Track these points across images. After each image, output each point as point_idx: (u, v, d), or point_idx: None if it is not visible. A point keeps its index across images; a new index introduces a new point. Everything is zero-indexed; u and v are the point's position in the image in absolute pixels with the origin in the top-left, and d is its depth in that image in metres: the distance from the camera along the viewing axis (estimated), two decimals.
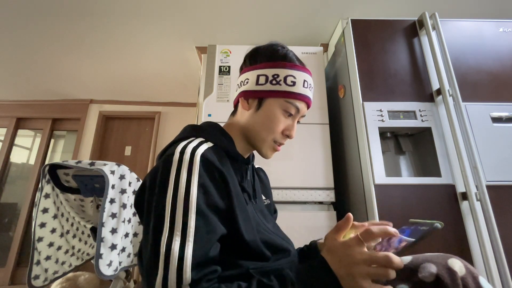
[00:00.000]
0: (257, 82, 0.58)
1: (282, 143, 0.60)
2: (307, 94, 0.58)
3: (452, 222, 0.94)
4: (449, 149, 1.04)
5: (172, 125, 3.02)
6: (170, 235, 0.41)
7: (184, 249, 0.40)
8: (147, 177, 0.49)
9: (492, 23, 1.23)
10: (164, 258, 0.39)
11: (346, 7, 1.67)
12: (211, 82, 1.38)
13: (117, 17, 1.75)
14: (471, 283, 0.41)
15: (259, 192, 0.67)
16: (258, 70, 0.58)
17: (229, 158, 0.54)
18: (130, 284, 1.12)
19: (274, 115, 0.56)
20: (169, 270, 0.38)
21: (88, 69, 2.42)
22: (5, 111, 2.99)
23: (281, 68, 0.56)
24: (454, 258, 0.45)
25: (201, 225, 0.42)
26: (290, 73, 0.56)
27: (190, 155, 0.47)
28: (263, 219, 0.59)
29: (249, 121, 0.59)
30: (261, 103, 0.57)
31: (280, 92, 0.56)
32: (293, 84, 0.56)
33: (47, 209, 1.04)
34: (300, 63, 0.59)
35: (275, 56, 0.58)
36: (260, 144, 0.59)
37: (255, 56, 0.61)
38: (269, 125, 0.57)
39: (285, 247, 0.57)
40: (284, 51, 0.59)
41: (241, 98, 0.60)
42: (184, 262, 0.39)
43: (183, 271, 0.39)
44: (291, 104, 0.56)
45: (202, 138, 0.53)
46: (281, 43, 0.61)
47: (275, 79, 0.56)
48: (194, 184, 0.44)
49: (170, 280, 0.38)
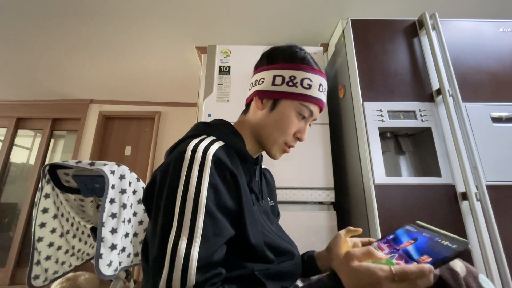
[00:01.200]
0: (273, 82, 0.57)
1: (292, 145, 0.59)
2: (321, 98, 0.58)
3: (452, 222, 0.94)
4: (449, 149, 1.04)
5: (172, 125, 3.02)
6: (178, 234, 0.40)
7: (191, 250, 0.40)
8: (157, 172, 0.48)
9: (492, 23, 1.23)
10: (170, 257, 0.39)
11: (346, 7, 1.67)
12: (211, 82, 1.38)
13: (117, 18, 1.75)
14: (472, 282, 0.42)
15: (265, 193, 0.67)
16: (275, 71, 0.57)
17: (239, 158, 0.54)
18: (130, 284, 1.12)
19: (288, 117, 0.56)
20: (174, 269, 0.38)
21: (88, 69, 2.42)
22: (5, 111, 2.99)
23: (298, 70, 0.56)
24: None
25: (209, 226, 0.42)
26: (307, 76, 0.56)
27: (202, 153, 0.46)
28: (267, 221, 0.59)
29: (262, 121, 0.58)
30: (275, 104, 0.57)
31: (296, 95, 0.55)
32: (309, 87, 0.56)
33: (47, 209, 1.04)
34: (317, 66, 0.59)
35: (293, 58, 0.58)
36: (271, 145, 0.58)
37: (273, 56, 0.60)
38: (282, 126, 0.56)
39: (289, 250, 0.57)
40: (303, 54, 0.59)
41: (255, 97, 0.60)
42: (190, 263, 0.39)
43: (188, 273, 0.38)
44: (305, 107, 0.56)
45: (214, 136, 0.53)
46: (299, 45, 0.61)
47: (292, 80, 0.56)
48: (205, 183, 0.44)
49: (175, 280, 0.38)
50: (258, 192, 0.61)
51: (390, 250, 0.48)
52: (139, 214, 1.08)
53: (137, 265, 1.06)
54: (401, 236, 0.52)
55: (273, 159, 0.61)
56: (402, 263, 0.41)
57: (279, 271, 0.44)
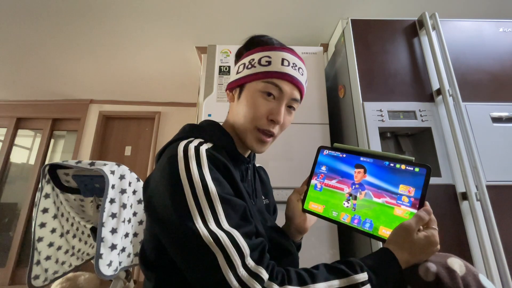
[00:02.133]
0: (237, 71, 0.58)
1: (269, 130, 0.54)
2: (287, 72, 0.53)
3: (452, 222, 0.94)
4: (449, 149, 1.04)
5: (172, 125, 3.02)
6: (205, 224, 0.40)
7: (230, 230, 0.41)
8: (152, 181, 0.48)
9: (492, 23, 1.23)
10: (215, 242, 0.39)
11: (346, 7, 1.67)
12: (211, 82, 1.38)
13: (117, 17, 1.75)
14: (472, 281, 0.41)
15: (259, 192, 0.67)
16: (239, 62, 0.59)
17: (230, 158, 0.53)
18: (130, 284, 1.12)
19: (252, 98, 0.53)
20: (226, 250, 0.39)
21: (88, 69, 2.42)
22: (5, 111, 2.99)
23: (256, 52, 0.56)
24: (453, 257, 0.45)
25: (230, 211, 0.43)
26: (265, 54, 0.54)
27: (194, 150, 0.46)
28: (262, 219, 0.59)
29: (234, 112, 0.58)
30: (241, 91, 0.56)
31: (256, 74, 0.53)
32: (268, 64, 0.53)
33: (47, 209, 1.04)
34: (280, 44, 0.59)
35: (251, 44, 0.59)
36: (245, 135, 0.55)
37: (239, 52, 0.62)
38: (249, 109, 0.53)
39: (286, 247, 0.57)
40: (260, 38, 0.59)
41: (226, 92, 0.61)
42: (237, 238, 0.40)
43: (240, 245, 0.40)
44: (269, 83, 0.52)
45: (201, 138, 0.52)
46: (262, 34, 0.61)
47: (251, 63, 0.55)
48: (208, 176, 0.44)
49: (233, 256, 0.38)
50: (252, 191, 0.60)
51: (350, 187, 0.54)
52: (139, 214, 1.08)
53: (137, 265, 1.05)
54: (334, 164, 0.59)
55: (255, 152, 0.57)
56: (394, 202, 0.49)
57: None
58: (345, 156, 0.58)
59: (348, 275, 0.41)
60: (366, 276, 0.40)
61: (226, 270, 0.37)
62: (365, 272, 0.41)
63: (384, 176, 0.51)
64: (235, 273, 0.37)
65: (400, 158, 0.51)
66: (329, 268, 0.43)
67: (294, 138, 1.28)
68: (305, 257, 0.71)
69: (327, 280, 0.40)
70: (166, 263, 0.47)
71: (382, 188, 0.51)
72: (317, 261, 0.46)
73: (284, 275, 0.40)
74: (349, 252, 1.19)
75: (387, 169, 0.51)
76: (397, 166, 0.50)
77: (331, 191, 0.57)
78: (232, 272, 0.37)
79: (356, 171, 0.55)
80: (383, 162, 0.52)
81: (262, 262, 0.40)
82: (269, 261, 0.42)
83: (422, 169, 0.47)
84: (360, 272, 0.41)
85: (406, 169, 0.49)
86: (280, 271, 0.41)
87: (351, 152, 0.57)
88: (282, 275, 0.40)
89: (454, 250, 0.91)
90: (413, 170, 0.48)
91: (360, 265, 0.42)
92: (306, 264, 0.49)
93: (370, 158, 0.54)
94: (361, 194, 0.53)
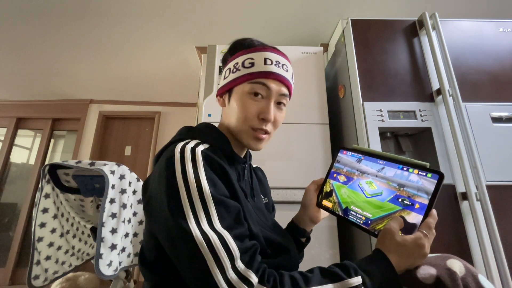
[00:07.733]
0: (224, 77, 0.60)
1: (263, 129, 0.55)
2: (271, 70, 0.54)
3: (452, 222, 0.94)
4: (449, 149, 1.04)
5: (172, 125, 3.02)
6: (198, 224, 0.41)
7: (221, 232, 0.41)
8: (151, 182, 0.49)
9: (492, 23, 1.23)
10: (206, 244, 0.39)
11: (346, 7, 1.67)
12: (211, 82, 1.38)
13: (117, 17, 1.75)
14: (471, 282, 0.41)
15: (257, 191, 0.67)
16: (225, 67, 0.60)
17: (226, 158, 0.54)
18: (130, 284, 1.12)
19: (241, 100, 0.55)
20: (216, 251, 0.39)
21: (88, 69, 2.42)
22: (5, 111, 2.99)
23: (239, 56, 0.57)
24: (453, 258, 0.45)
25: (223, 212, 0.44)
26: (247, 56, 0.56)
27: (191, 152, 0.47)
28: (262, 217, 0.59)
29: (227, 116, 0.59)
30: (230, 95, 0.58)
31: (241, 77, 0.55)
32: (251, 65, 0.55)
33: (47, 209, 1.04)
34: (261, 44, 0.60)
35: (234, 49, 0.60)
36: (241, 135, 0.56)
37: (224, 59, 0.63)
38: (240, 112, 0.55)
39: (285, 245, 0.57)
40: (241, 41, 0.60)
41: (216, 98, 0.63)
42: (227, 240, 0.40)
43: (230, 247, 0.40)
44: (255, 83, 0.54)
45: (198, 140, 0.53)
46: (244, 38, 0.62)
47: (235, 67, 0.57)
48: (203, 177, 0.45)
49: (223, 259, 0.39)
50: (249, 190, 0.61)
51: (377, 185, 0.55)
52: (139, 214, 1.08)
53: (137, 265, 1.05)
54: (352, 164, 0.61)
55: (253, 150, 0.58)
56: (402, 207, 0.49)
57: (274, 266, 0.44)
58: (363, 159, 0.60)
59: (342, 279, 0.41)
60: (360, 280, 0.41)
61: (216, 272, 0.38)
62: (359, 276, 0.42)
63: (402, 179, 0.52)
64: (224, 275, 0.38)
65: (415, 163, 0.51)
66: (324, 272, 0.43)
67: (294, 138, 1.28)
68: (305, 257, 0.71)
69: (321, 284, 0.41)
70: (164, 263, 0.47)
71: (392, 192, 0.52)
72: (317, 261, 0.46)
73: (277, 279, 0.41)
74: (349, 252, 1.19)
75: (407, 175, 0.52)
76: (410, 170, 0.51)
77: (349, 190, 0.59)
78: (221, 274, 0.38)
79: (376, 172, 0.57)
80: (397, 166, 0.53)
81: (252, 266, 0.41)
82: (260, 264, 0.42)
83: (435, 175, 0.47)
84: (354, 276, 0.42)
85: (419, 174, 0.50)
86: (273, 274, 0.41)
87: (369, 154, 0.59)
88: (275, 278, 0.41)
89: (454, 250, 0.91)
90: (425, 175, 0.49)
91: (354, 269, 0.43)
92: (306, 264, 0.49)
93: (383, 161, 0.56)
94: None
